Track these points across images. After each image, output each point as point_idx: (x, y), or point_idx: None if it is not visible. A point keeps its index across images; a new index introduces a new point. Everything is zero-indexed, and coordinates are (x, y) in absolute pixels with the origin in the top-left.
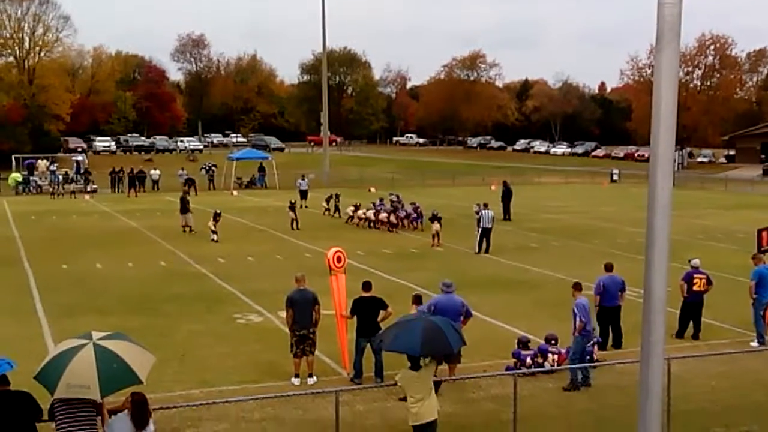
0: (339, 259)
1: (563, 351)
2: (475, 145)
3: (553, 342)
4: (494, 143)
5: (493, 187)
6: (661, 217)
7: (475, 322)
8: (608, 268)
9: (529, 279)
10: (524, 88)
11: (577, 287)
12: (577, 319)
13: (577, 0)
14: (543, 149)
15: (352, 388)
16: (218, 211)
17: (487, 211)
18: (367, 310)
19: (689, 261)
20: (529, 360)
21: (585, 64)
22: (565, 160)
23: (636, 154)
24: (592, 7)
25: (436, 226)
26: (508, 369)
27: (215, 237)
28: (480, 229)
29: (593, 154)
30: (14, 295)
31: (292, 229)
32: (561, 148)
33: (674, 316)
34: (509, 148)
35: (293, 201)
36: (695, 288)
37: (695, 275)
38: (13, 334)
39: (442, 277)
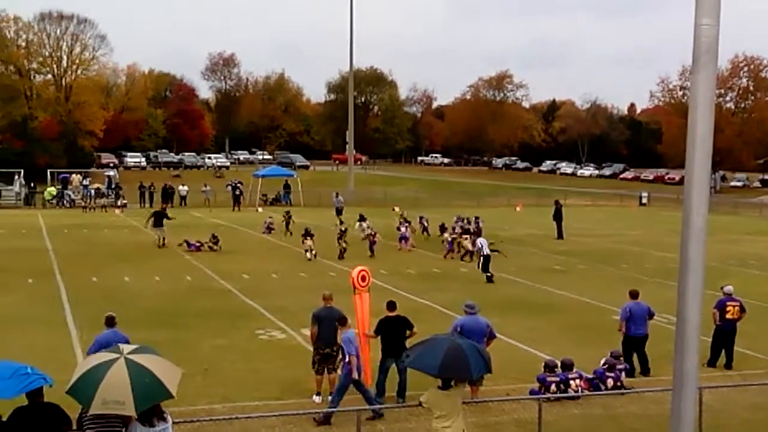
0: (363, 278)
1: (585, 375)
2: (500, 165)
3: (571, 368)
4: (520, 164)
5: (518, 209)
6: (695, 243)
7: (499, 344)
8: (634, 295)
9: (554, 302)
10: (551, 109)
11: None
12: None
13: (607, 20)
14: (570, 171)
15: (374, 408)
16: (309, 230)
17: (482, 238)
18: (392, 329)
19: (722, 288)
20: (553, 386)
21: (614, 85)
22: (592, 182)
23: (666, 177)
24: (622, 28)
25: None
26: (532, 393)
27: (310, 255)
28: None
29: (622, 176)
30: (46, 306)
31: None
32: (588, 170)
33: (706, 344)
34: (535, 170)
35: (310, 229)
36: (728, 316)
37: (728, 303)
38: (44, 344)
39: (467, 298)
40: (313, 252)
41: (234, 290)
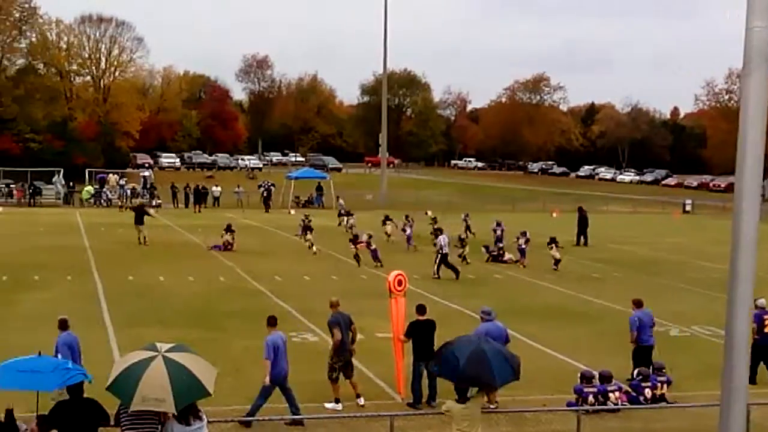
0: (400, 283)
1: (623, 386)
2: (536, 170)
3: (610, 380)
4: (557, 169)
5: (554, 214)
6: (745, 254)
7: (534, 353)
8: (639, 304)
9: (591, 310)
10: (590, 113)
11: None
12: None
13: (649, 21)
14: (609, 176)
15: (406, 414)
16: (308, 223)
17: (443, 236)
18: (423, 333)
19: (755, 300)
20: (591, 397)
21: (656, 88)
22: (632, 188)
23: (711, 184)
24: (665, 29)
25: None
26: (569, 405)
27: (315, 249)
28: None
29: (664, 182)
30: (84, 302)
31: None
32: (629, 176)
33: None
34: (573, 174)
35: (308, 222)
36: (767, 330)
37: (765, 316)
38: (82, 341)
39: (500, 304)
40: (314, 248)
41: (266, 292)
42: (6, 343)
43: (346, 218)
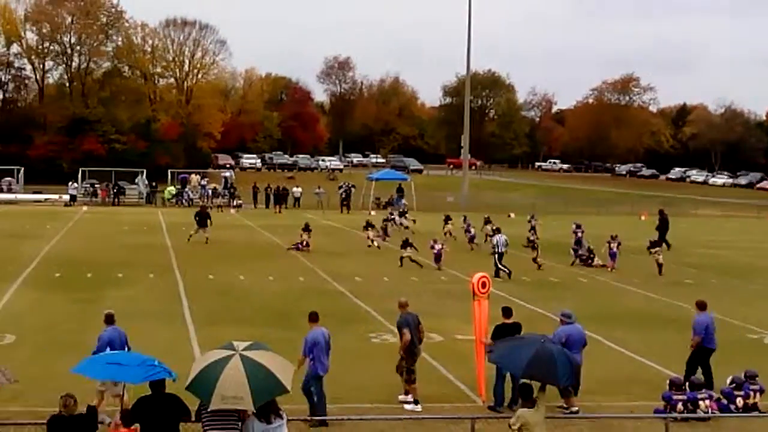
0: (484, 285)
1: (713, 394)
2: (624, 172)
3: (700, 388)
4: (646, 171)
5: (643, 218)
6: None
7: (621, 358)
8: (703, 306)
9: (682, 317)
10: (681, 114)
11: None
12: None
13: (744, 19)
14: (701, 179)
15: (488, 416)
16: (370, 222)
17: (500, 235)
18: (508, 336)
19: None
20: (680, 405)
21: (751, 89)
22: (725, 192)
23: None
24: (760, 27)
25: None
26: (656, 412)
27: (378, 243)
28: (496, 254)
29: (759, 185)
30: (165, 300)
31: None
32: (721, 179)
33: None
34: (662, 177)
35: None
36: None
37: None
38: (163, 338)
39: (585, 308)
40: (375, 243)
41: (346, 292)
42: (91, 338)
43: (398, 217)
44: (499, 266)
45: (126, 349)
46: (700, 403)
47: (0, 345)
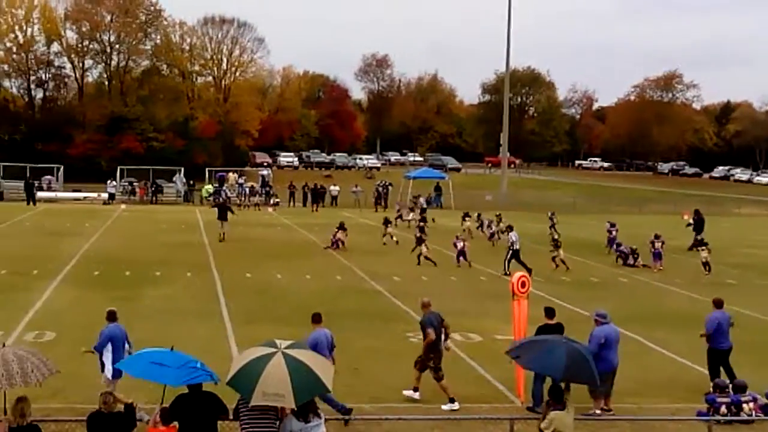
0: (523, 284)
1: (758, 397)
2: (666, 170)
3: (744, 390)
4: (688, 169)
5: (685, 217)
6: None
7: (664, 360)
8: (719, 304)
9: None
10: (725, 111)
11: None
12: None
13: None
14: (745, 177)
15: (527, 417)
16: (388, 219)
17: (513, 233)
18: None
19: None
20: (723, 408)
21: None
22: None
23: None
24: None
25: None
26: (699, 414)
27: (396, 238)
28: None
29: None
30: (203, 298)
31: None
32: (766, 177)
33: None
34: (706, 175)
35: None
36: None
37: None
38: (201, 336)
39: (625, 309)
40: (394, 239)
41: (384, 292)
42: (130, 337)
43: (411, 214)
44: (519, 262)
45: (126, 345)
46: (744, 405)
47: (40, 342)
